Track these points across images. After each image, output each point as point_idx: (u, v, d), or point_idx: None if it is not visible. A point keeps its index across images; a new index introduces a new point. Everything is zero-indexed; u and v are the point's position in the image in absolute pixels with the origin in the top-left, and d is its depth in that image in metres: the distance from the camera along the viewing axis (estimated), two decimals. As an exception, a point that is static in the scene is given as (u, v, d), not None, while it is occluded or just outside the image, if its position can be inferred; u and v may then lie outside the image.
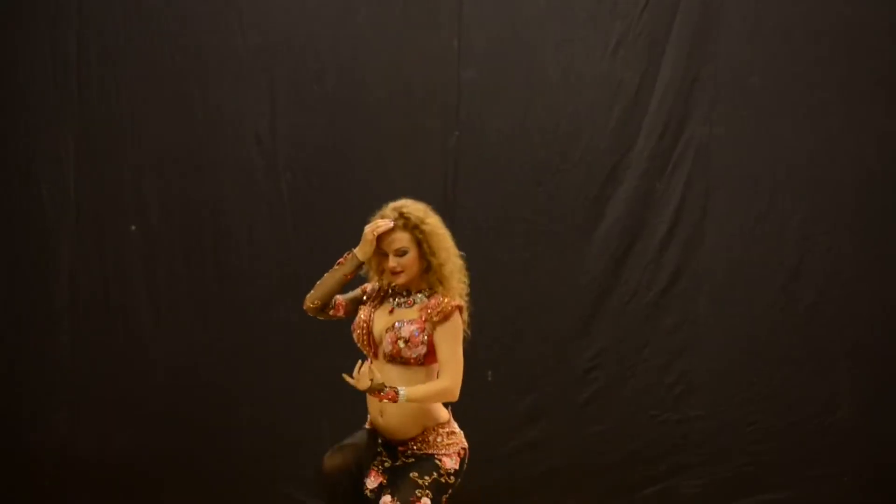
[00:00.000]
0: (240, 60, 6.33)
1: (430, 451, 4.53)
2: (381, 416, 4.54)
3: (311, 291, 4.63)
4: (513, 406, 6.34)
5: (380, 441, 4.60)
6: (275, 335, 6.35)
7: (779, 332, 6.32)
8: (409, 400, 4.37)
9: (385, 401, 4.37)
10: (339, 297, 4.66)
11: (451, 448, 4.55)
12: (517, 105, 6.32)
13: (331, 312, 4.67)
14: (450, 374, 4.44)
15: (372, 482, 4.53)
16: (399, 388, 4.35)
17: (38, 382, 6.35)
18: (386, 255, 4.55)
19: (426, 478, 4.48)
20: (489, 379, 6.30)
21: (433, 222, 4.57)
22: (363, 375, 4.31)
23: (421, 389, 4.41)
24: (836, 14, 6.28)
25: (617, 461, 6.34)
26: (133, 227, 6.32)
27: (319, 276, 6.33)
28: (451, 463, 4.54)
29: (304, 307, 4.65)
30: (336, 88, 6.33)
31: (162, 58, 6.32)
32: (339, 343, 5.97)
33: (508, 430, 6.33)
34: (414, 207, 4.57)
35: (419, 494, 4.45)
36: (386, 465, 4.56)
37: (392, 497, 4.44)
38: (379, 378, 4.32)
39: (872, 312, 6.32)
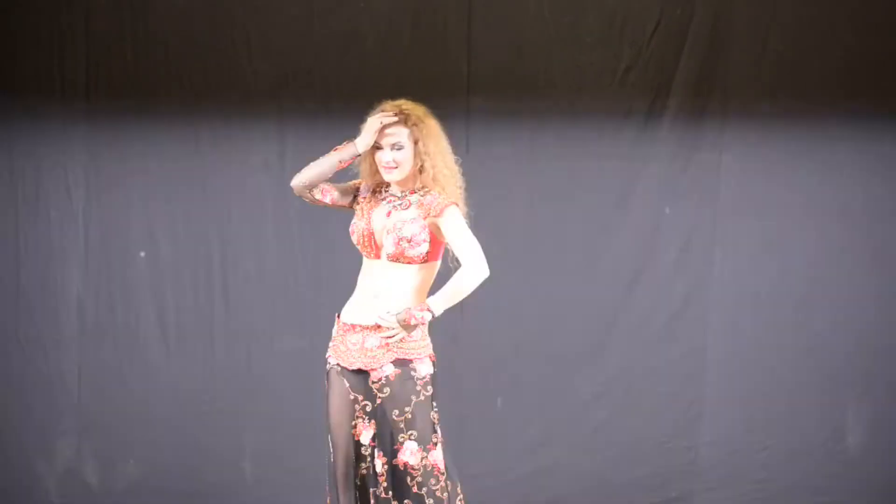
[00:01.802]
0: (248, 86, 6.33)
1: (403, 356, 4.40)
2: (376, 298, 4.45)
3: (301, 170, 4.54)
4: (521, 432, 6.31)
5: (348, 385, 4.47)
6: (282, 362, 6.34)
7: (788, 359, 6.32)
8: (446, 304, 4.36)
9: (420, 315, 4.35)
10: (329, 184, 4.58)
11: (423, 352, 4.43)
12: (525, 131, 6.33)
13: (317, 196, 4.57)
14: (469, 257, 4.39)
15: (366, 436, 4.43)
16: (425, 302, 4.36)
17: (45, 409, 6.33)
18: (380, 151, 4.50)
19: (406, 410, 4.37)
20: (498, 406, 6.29)
21: (432, 123, 4.52)
22: (389, 329, 4.34)
23: (447, 288, 4.38)
24: (843, 42, 6.30)
25: (626, 488, 6.32)
26: (142, 254, 6.31)
27: (327, 303, 6.30)
28: (425, 369, 4.41)
29: (291, 184, 4.55)
30: (344, 114, 6.33)
31: (169, 84, 6.33)
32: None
33: (517, 457, 6.30)
34: (413, 105, 4.54)
35: (401, 440, 4.36)
36: (367, 409, 4.44)
37: (381, 452, 4.39)
38: (397, 311, 4.34)
39: (881, 339, 6.32)
